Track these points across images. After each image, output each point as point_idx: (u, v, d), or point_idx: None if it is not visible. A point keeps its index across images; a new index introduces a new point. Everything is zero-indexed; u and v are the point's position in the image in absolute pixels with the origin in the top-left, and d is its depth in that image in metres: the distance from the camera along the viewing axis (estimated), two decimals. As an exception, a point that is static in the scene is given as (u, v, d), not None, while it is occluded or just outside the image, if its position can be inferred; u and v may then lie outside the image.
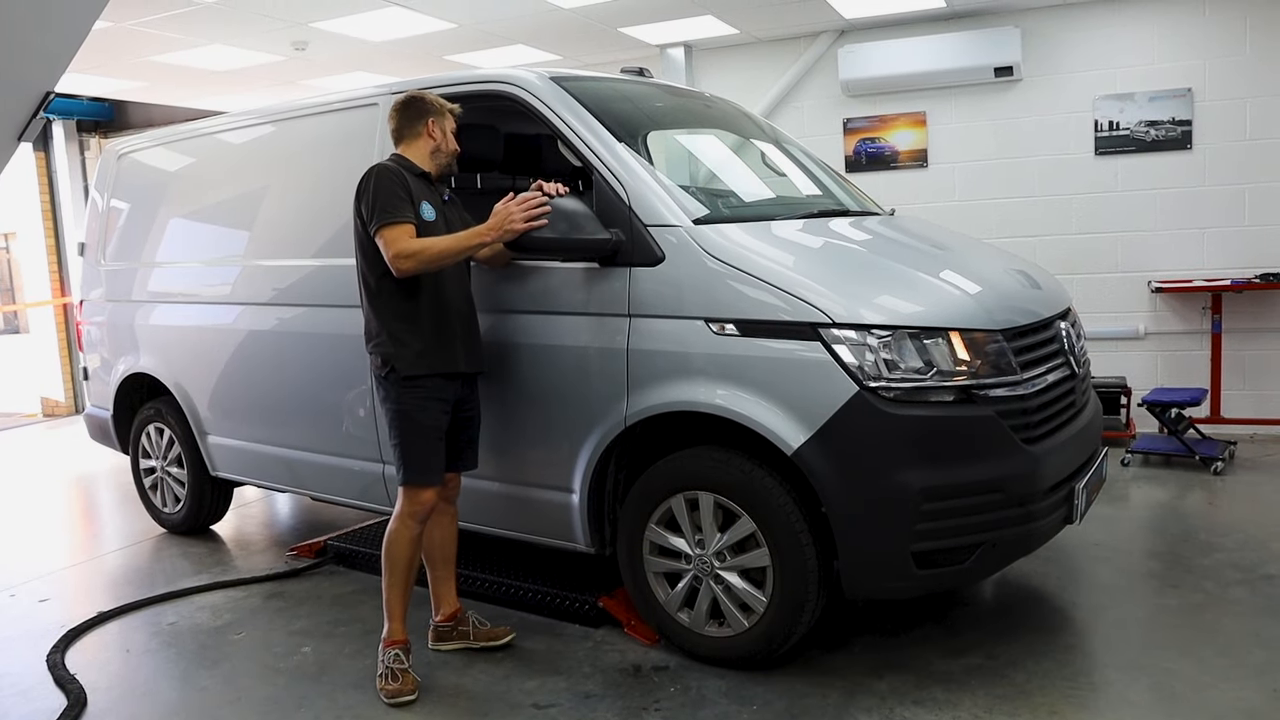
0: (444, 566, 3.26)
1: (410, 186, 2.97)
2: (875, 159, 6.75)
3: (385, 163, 3.04)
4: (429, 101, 3.11)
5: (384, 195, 2.91)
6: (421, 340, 2.98)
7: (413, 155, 3.09)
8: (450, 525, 3.24)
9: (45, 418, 9.36)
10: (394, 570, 3.04)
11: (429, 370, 2.98)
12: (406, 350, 2.97)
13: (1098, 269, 6.19)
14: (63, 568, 4.50)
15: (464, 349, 3.09)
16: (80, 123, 9.46)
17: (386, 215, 2.88)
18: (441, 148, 3.11)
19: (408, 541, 3.04)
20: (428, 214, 2.98)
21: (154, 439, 4.82)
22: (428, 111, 3.10)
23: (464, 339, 3.09)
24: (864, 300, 2.77)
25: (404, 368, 2.97)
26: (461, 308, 3.11)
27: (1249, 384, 5.97)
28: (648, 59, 7.04)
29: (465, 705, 2.89)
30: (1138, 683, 2.84)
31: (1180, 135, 5.96)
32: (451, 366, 3.04)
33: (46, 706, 3.02)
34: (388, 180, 2.94)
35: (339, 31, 6.29)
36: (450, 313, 3.05)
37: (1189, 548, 4.01)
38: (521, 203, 2.88)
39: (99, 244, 5.03)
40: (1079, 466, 3.07)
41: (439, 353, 3.01)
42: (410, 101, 3.11)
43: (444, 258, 2.91)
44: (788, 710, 2.76)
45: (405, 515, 3.02)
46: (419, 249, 2.87)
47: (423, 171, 3.07)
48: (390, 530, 3.05)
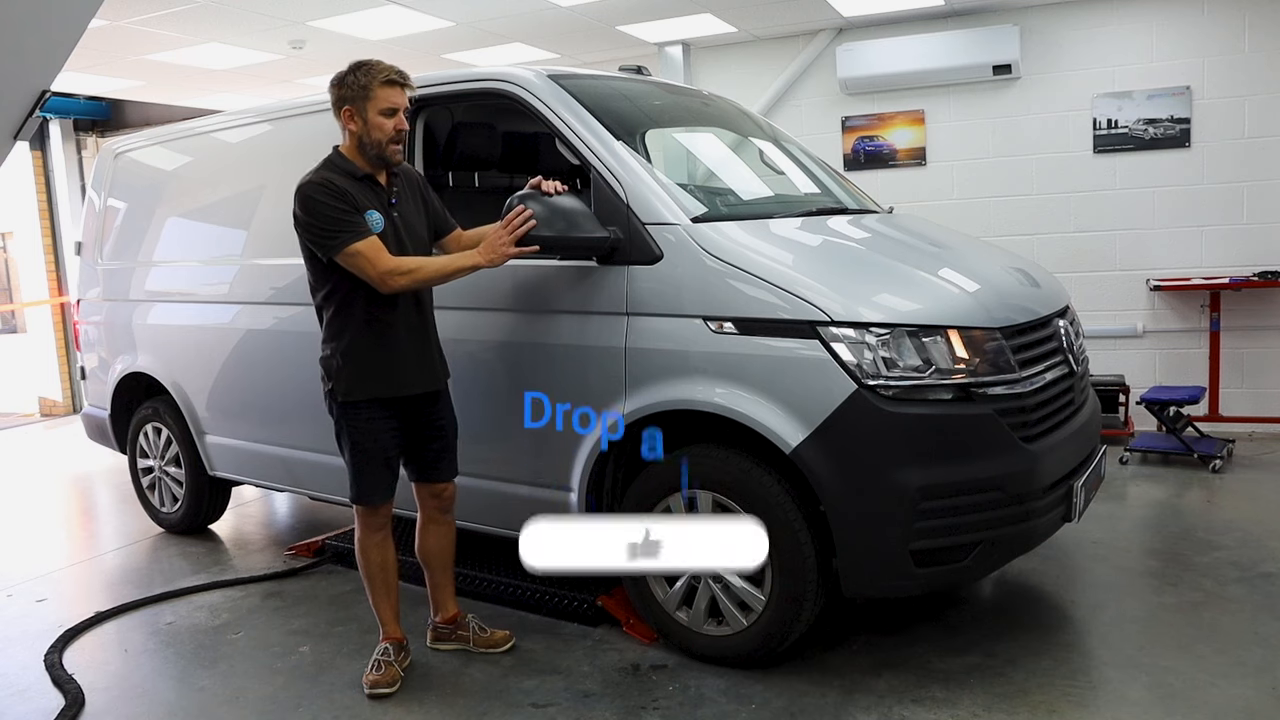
0: (442, 573, 3.24)
1: (348, 196, 2.73)
2: (874, 157, 6.75)
3: (313, 178, 2.74)
4: (344, 84, 2.74)
5: (327, 215, 2.69)
6: (362, 363, 2.84)
7: (346, 153, 2.81)
8: (447, 534, 3.21)
9: (43, 417, 9.35)
10: (368, 580, 3.06)
11: (367, 396, 2.86)
12: (345, 373, 2.84)
13: (1096, 267, 6.19)
14: (60, 568, 4.49)
15: (416, 368, 2.93)
16: (77, 121, 9.44)
17: (343, 234, 2.69)
18: (367, 138, 2.76)
19: (372, 550, 3.02)
20: (374, 225, 2.75)
21: (152, 438, 4.82)
22: (342, 99, 2.75)
23: (417, 358, 2.93)
24: (862, 298, 2.76)
25: (341, 392, 2.85)
26: (415, 323, 2.93)
27: (1247, 382, 5.98)
28: (646, 57, 7.03)
29: (463, 704, 2.89)
30: (1136, 681, 2.84)
31: (1179, 133, 5.96)
32: (395, 390, 2.88)
33: (44, 706, 3.01)
34: (323, 196, 2.70)
35: (336, 30, 6.28)
36: (398, 332, 2.88)
37: (1187, 546, 4.01)
38: (507, 224, 2.81)
39: (96, 243, 5.02)
40: (1077, 464, 3.07)
41: (382, 378, 2.86)
42: (330, 88, 2.78)
43: (436, 279, 2.84)
44: (786, 709, 2.76)
45: (362, 529, 3.02)
46: (412, 268, 2.76)
47: (365, 173, 2.81)
48: (355, 544, 3.06)
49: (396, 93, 2.78)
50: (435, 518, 3.16)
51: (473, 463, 3.41)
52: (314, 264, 2.85)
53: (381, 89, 2.75)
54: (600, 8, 6.07)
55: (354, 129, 2.78)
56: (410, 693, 2.97)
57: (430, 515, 3.17)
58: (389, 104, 2.76)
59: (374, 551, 3.03)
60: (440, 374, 3.06)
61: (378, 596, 3.07)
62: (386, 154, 2.81)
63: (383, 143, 2.79)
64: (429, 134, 3.68)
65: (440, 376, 3.06)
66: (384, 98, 2.75)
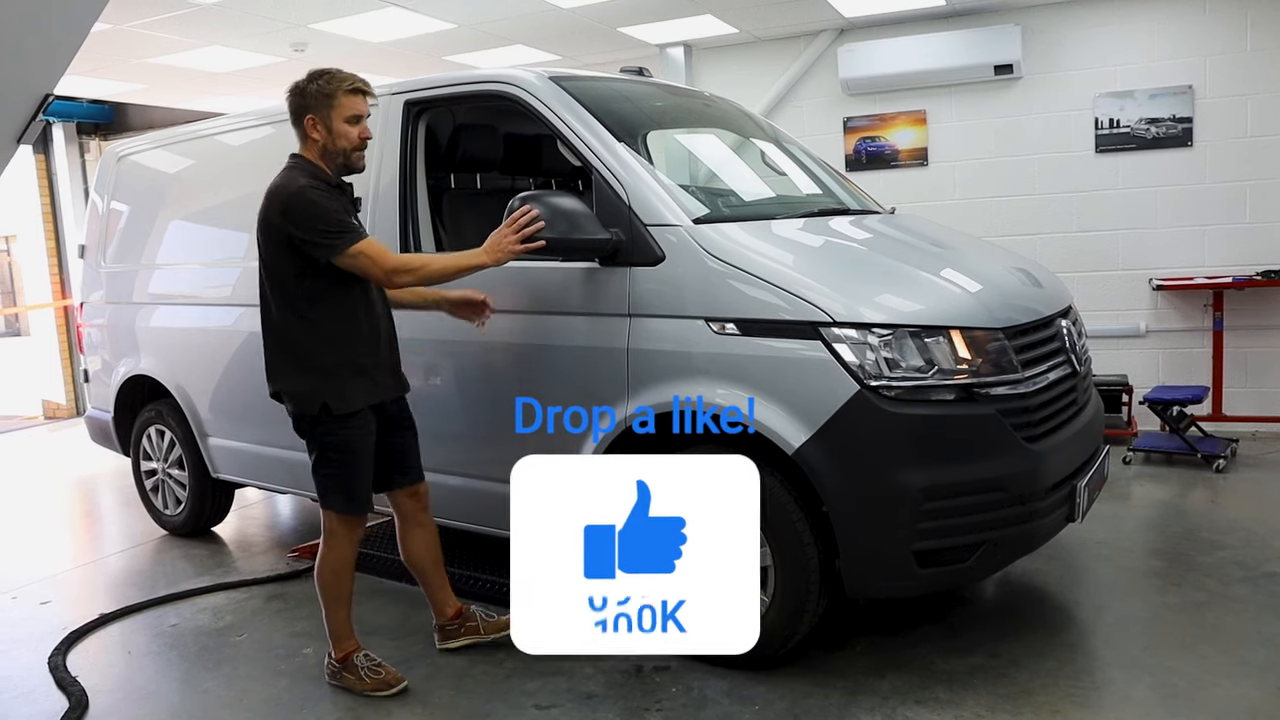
0: (436, 575, 3.21)
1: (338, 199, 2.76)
2: (875, 158, 6.74)
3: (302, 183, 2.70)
4: (306, 93, 2.73)
5: (329, 218, 2.69)
6: (354, 371, 2.83)
7: (314, 161, 2.78)
8: (433, 536, 3.18)
9: (46, 420, 9.36)
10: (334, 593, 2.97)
11: (365, 403, 2.87)
12: (335, 385, 2.80)
13: (1099, 267, 6.19)
14: (64, 570, 4.50)
15: (392, 375, 2.98)
16: (80, 125, 9.46)
17: (345, 235, 2.70)
18: (332, 145, 2.75)
19: (345, 565, 2.97)
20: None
21: (155, 441, 4.82)
22: (305, 107, 2.74)
23: (391, 364, 2.97)
24: (865, 299, 2.76)
25: (339, 406, 2.81)
26: (388, 330, 2.96)
27: (1251, 381, 5.96)
28: (647, 59, 7.03)
29: (466, 706, 2.89)
30: (1140, 681, 2.84)
31: (1181, 132, 5.95)
32: (382, 396, 2.93)
33: (48, 709, 3.01)
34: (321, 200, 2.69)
35: (338, 32, 6.29)
36: (381, 337, 2.91)
37: (1191, 546, 4.01)
38: (512, 223, 2.82)
39: (99, 246, 5.03)
40: (1081, 465, 3.07)
41: (374, 384, 2.88)
42: (289, 96, 2.76)
43: (441, 277, 2.85)
44: (790, 710, 2.75)
45: (343, 542, 2.95)
46: (418, 265, 2.79)
47: (337, 182, 2.81)
48: (323, 557, 2.96)
49: (360, 101, 2.80)
50: (418, 519, 3.13)
51: (475, 464, 3.41)
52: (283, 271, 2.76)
53: (346, 97, 2.76)
54: (601, 9, 6.07)
55: (317, 137, 2.78)
56: (414, 695, 2.97)
57: (412, 518, 3.13)
58: (354, 111, 2.77)
59: (346, 569, 2.97)
60: (404, 380, 3.08)
61: (341, 610, 2.99)
62: (352, 161, 2.82)
63: (348, 150, 2.79)
64: (431, 136, 3.69)
65: (404, 383, 3.08)
66: (349, 105, 2.76)
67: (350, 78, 2.80)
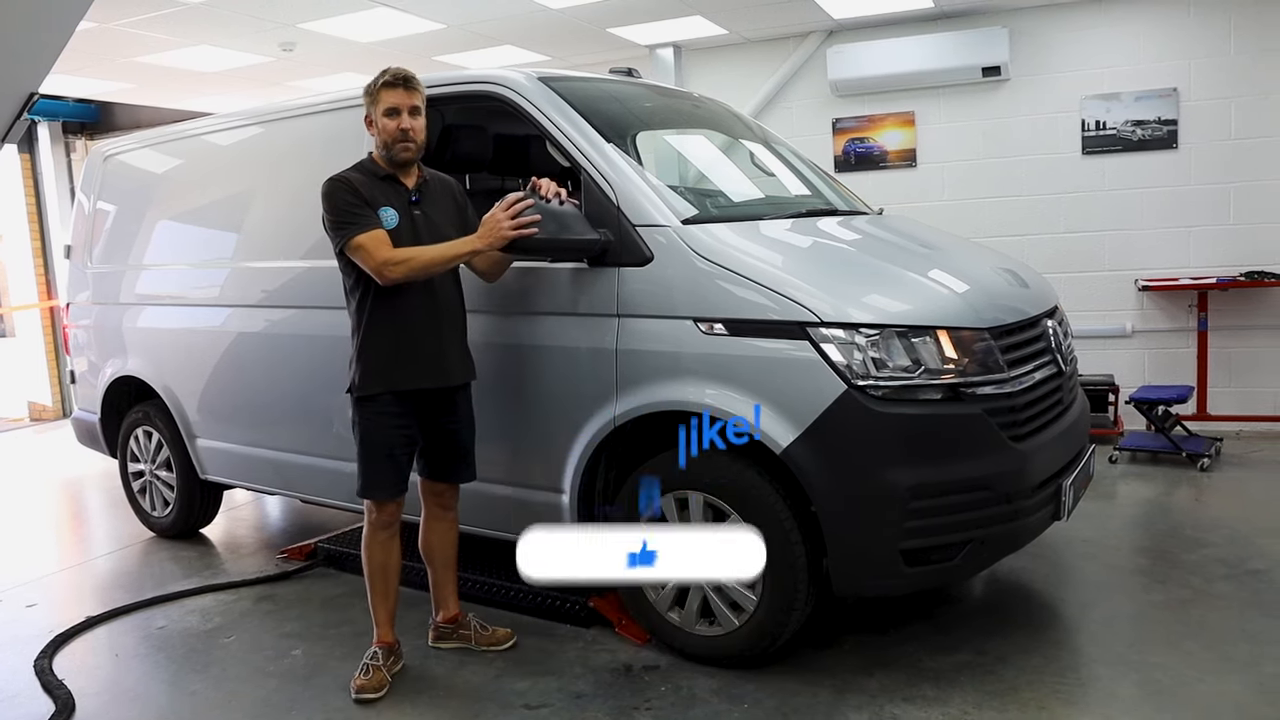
0: (443, 570, 3.25)
1: (364, 192, 2.85)
2: (864, 159, 6.77)
3: (339, 173, 2.91)
4: (366, 93, 2.93)
5: (339, 207, 2.83)
6: (378, 356, 2.90)
7: (374, 156, 2.97)
8: (448, 531, 3.22)
9: (32, 422, 9.30)
10: (369, 577, 3.08)
11: (382, 389, 2.91)
12: (361, 366, 2.92)
13: (1085, 268, 6.23)
14: (50, 573, 4.47)
15: (433, 363, 2.95)
16: (66, 124, 9.39)
17: (350, 227, 2.81)
18: (378, 139, 2.91)
19: (376, 548, 3.05)
20: (388, 220, 2.85)
21: (142, 442, 4.80)
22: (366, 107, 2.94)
23: (436, 353, 2.95)
24: (852, 299, 2.78)
25: (357, 386, 2.93)
26: (437, 319, 2.96)
27: (1235, 381, 6.02)
28: (637, 59, 7.04)
29: (456, 706, 2.89)
30: (1125, 678, 2.86)
31: (1166, 135, 6.00)
32: (408, 384, 2.92)
33: (34, 712, 3.00)
34: (338, 191, 2.84)
35: (327, 32, 6.28)
36: (418, 325, 2.92)
37: (1176, 543, 4.04)
38: (508, 208, 2.83)
39: (85, 246, 5.00)
40: (1066, 463, 3.09)
41: (396, 370, 2.90)
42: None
43: (432, 266, 2.85)
44: (778, 708, 2.77)
45: (369, 524, 3.05)
46: (406, 257, 2.80)
47: (387, 173, 2.92)
48: (363, 539, 3.09)
49: (396, 94, 2.88)
50: (436, 514, 3.18)
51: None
52: (340, 259, 2.93)
53: (383, 91, 2.88)
54: (591, 10, 6.08)
55: (372, 133, 2.94)
56: (403, 694, 2.97)
57: (431, 512, 3.19)
58: (389, 104, 2.88)
59: (377, 551, 3.05)
60: (453, 372, 3.02)
61: (375, 598, 3.08)
62: (394, 153, 2.90)
63: (388, 143, 2.89)
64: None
65: (452, 375, 3.02)
66: (385, 99, 2.88)
67: (387, 71, 2.91)
